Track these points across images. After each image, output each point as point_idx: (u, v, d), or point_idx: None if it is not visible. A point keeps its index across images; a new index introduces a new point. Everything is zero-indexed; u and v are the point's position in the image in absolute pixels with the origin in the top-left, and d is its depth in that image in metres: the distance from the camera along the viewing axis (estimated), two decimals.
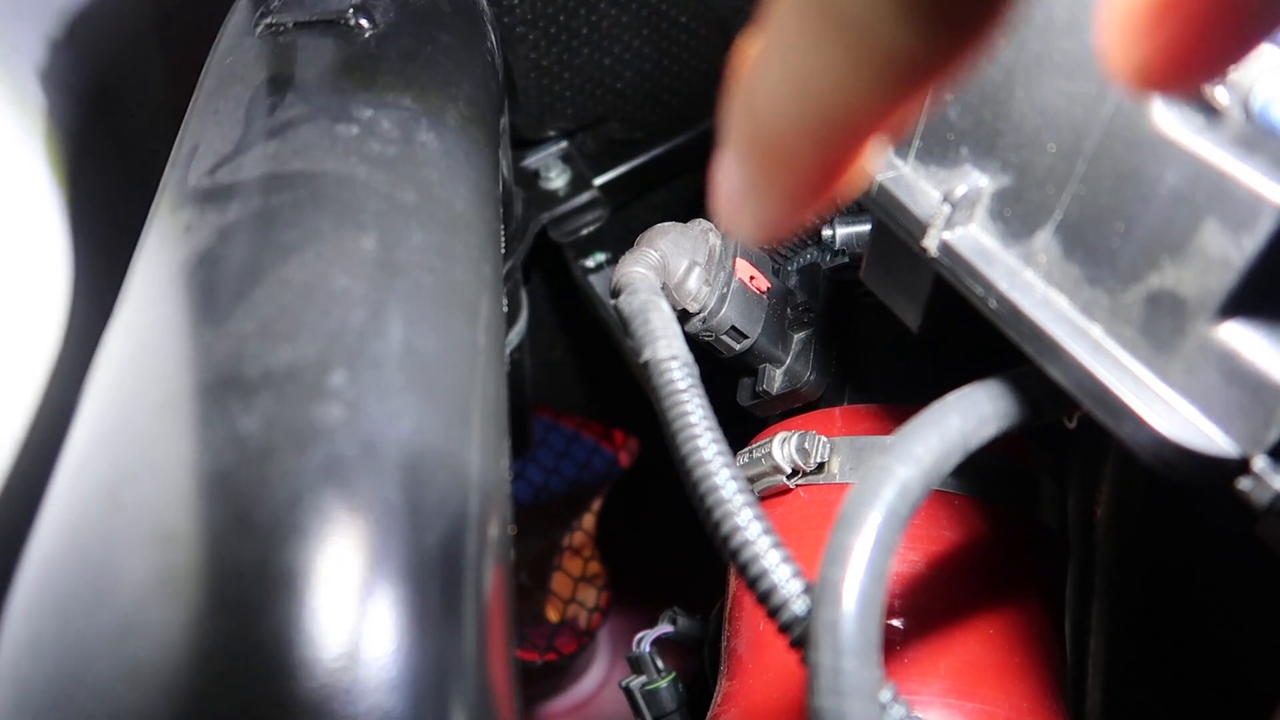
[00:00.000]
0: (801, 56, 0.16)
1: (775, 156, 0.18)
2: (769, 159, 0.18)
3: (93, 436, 0.28)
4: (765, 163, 0.18)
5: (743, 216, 0.19)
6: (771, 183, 0.18)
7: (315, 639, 0.24)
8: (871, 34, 0.15)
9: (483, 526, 0.31)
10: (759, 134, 0.18)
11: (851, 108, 0.16)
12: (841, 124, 0.17)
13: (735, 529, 0.33)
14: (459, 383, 0.32)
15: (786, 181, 0.18)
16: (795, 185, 0.18)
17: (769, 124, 0.17)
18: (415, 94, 0.40)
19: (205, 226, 0.33)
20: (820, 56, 0.16)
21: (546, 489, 0.97)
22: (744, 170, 0.18)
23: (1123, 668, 0.59)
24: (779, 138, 0.17)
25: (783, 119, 0.17)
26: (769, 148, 0.18)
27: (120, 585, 0.24)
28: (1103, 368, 0.30)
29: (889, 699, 0.30)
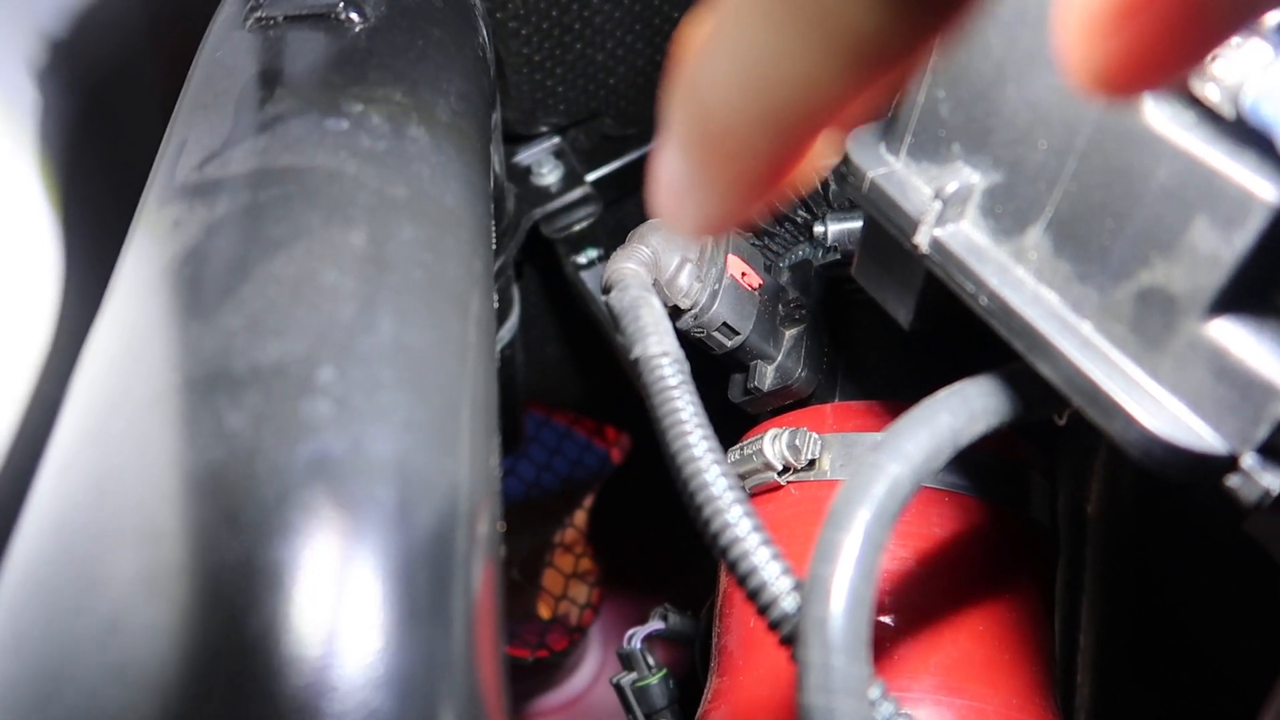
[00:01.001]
0: (755, 40, 0.15)
1: (722, 148, 0.17)
2: (715, 150, 0.17)
3: (79, 432, 0.28)
4: (711, 154, 0.17)
5: (684, 210, 0.18)
6: (717, 175, 0.17)
7: (303, 636, 0.23)
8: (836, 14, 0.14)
9: (472, 523, 0.31)
10: (704, 124, 0.16)
11: (808, 95, 0.15)
12: (796, 113, 0.16)
13: (725, 526, 0.33)
14: (449, 379, 0.32)
15: (733, 174, 0.17)
16: (743, 178, 0.17)
17: (716, 113, 0.16)
18: (406, 89, 0.40)
19: (193, 222, 0.33)
20: (777, 40, 0.15)
21: (538, 485, 0.97)
22: (687, 162, 0.17)
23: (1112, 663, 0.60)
24: (727, 128, 0.16)
25: (731, 107, 0.16)
26: (715, 138, 0.16)
27: (106, 583, 0.24)
28: (1092, 365, 0.30)
29: (878, 696, 0.30)
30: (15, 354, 0.41)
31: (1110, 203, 0.29)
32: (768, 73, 0.15)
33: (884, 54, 0.14)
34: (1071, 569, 0.61)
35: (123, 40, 0.57)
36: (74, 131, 0.50)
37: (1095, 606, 0.60)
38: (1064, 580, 0.60)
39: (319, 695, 0.23)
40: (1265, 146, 0.26)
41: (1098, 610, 0.60)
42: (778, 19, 0.15)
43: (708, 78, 0.16)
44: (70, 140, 0.50)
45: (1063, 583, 0.60)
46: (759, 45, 0.15)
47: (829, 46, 0.14)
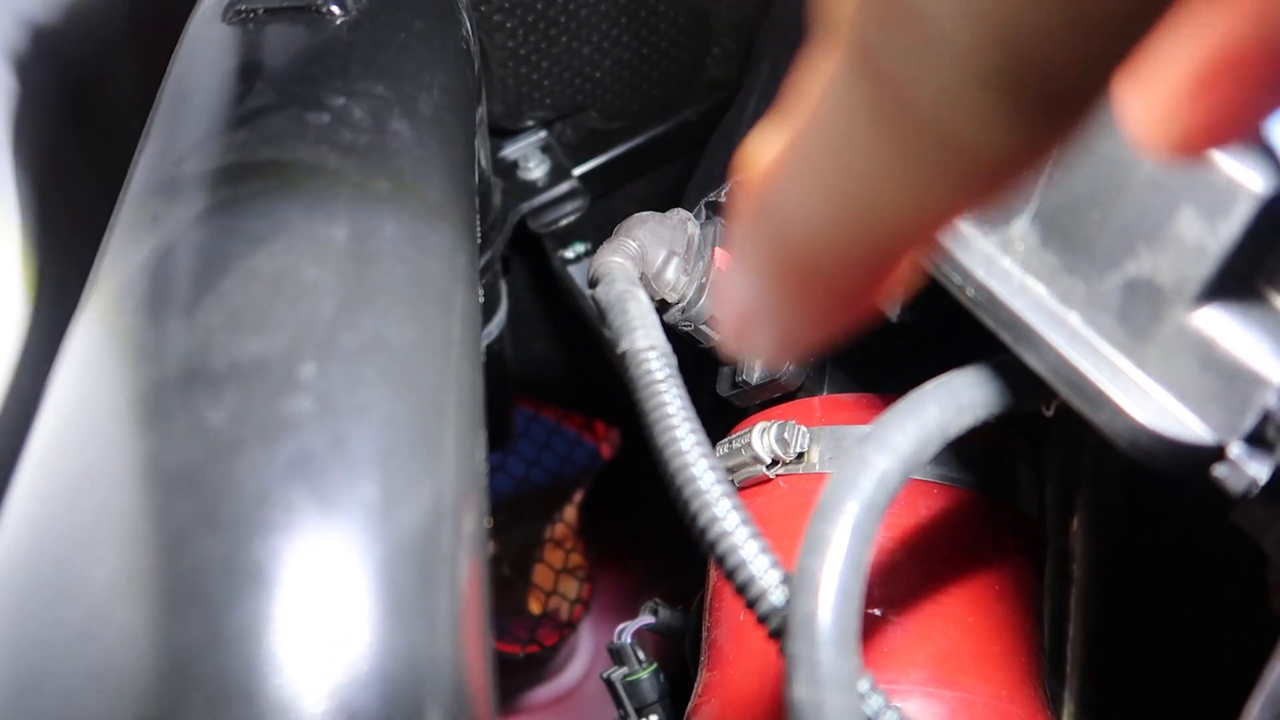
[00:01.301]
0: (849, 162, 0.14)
1: (805, 275, 0.15)
2: (798, 277, 0.15)
3: (57, 431, 0.28)
4: (794, 282, 0.15)
5: (762, 336, 0.17)
6: (799, 302, 0.16)
7: (284, 635, 0.23)
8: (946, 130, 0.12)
9: (457, 520, 0.30)
10: (786, 250, 0.15)
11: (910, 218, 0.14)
12: (894, 236, 0.14)
13: (713, 520, 0.33)
14: (432, 375, 0.32)
15: (818, 300, 0.16)
16: (827, 305, 0.16)
17: (800, 239, 0.15)
18: (388, 82, 0.39)
19: (172, 216, 0.33)
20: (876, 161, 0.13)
21: (528, 481, 0.97)
22: (765, 288, 0.16)
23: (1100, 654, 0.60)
24: (813, 254, 0.15)
25: (819, 233, 0.14)
26: (798, 265, 0.15)
27: (82, 584, 0.23)
28: (1080, 355, 0.30)
29: (867, 689, 0.30)
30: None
31: (1096, 193, 0.29)
32: (864, 196, 0.14)
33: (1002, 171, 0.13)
34: (1060, 561, 0.61)
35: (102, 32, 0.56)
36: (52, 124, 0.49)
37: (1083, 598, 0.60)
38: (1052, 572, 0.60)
39: (301, 695, 0.23)
40: None
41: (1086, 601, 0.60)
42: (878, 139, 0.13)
43: (790, 201, 0.15)
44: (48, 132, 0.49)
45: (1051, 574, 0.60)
46: (854, 167, 0.14)
47: (939, 168, 0.13)
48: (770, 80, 0.60)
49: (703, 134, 0.79)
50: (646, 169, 0.81)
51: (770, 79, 0.61)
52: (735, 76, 0.79)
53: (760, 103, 0.59)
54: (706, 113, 0.79)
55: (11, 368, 0.40)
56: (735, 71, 0.79)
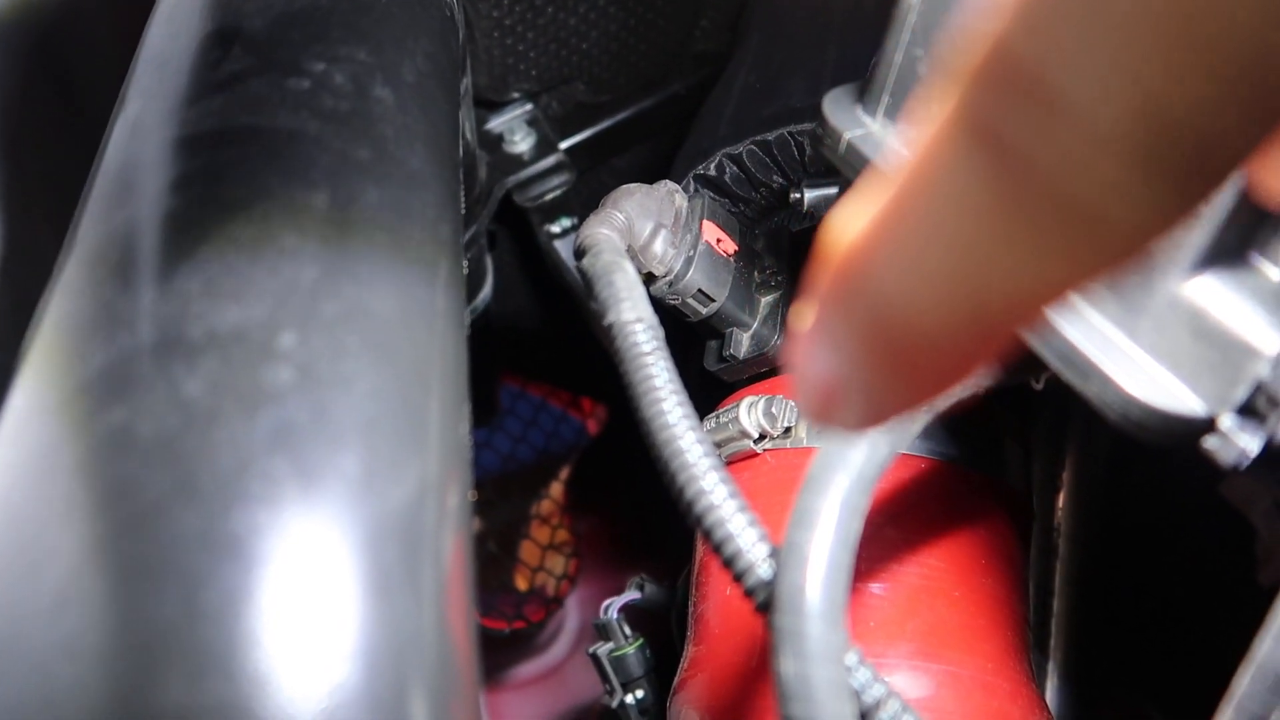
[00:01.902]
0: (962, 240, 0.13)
1: (902, 353, 0.14)
2: (892, 354, 0.14)
3: (28, 402, 0.27)
4: (886, 359, 0.14)
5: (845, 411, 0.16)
6: (892, 379, 0.15)
7: (264, 610, 0.23)
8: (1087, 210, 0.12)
9: (442, 493, 0.30)
10: (880, 327, 0.14)
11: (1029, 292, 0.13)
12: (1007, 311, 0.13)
13: (700, 493, 0.33)
14: (416, 345, 0.31)
15: (913, 376, 0.15)
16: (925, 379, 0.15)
17: (898, 318, 0.14)
18: (370, 48, 0.39)
19: (149, 183, 0.32)
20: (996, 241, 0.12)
21: (514, 457, 0.96)
22: (851, 363, 0.15)
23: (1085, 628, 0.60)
24: (912, 333, 0.14)
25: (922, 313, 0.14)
26: (894, 343, 0.14)
27: (53, 554, 0.23)
28: (1070, 327, 0.30)
29: (855, 662, 0.30)
30: None
31: None
32: (978, 271, 0.13)
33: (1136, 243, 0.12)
34: (1046, 535, 0.61)
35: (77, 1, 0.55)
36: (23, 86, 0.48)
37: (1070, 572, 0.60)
38: (1038, 546, 0.61)
39: (280, 671, 0.22)
40: None
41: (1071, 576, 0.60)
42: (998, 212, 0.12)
43: (888, 276, 0.14)
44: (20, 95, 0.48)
45: (1037, 548, 0.61)
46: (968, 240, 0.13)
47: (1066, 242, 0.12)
48: (758, 54, 0.60)
49: (691, 107, 0.78)
50: (633, 143, 0.80)
51: (759, 53, 0.60)
52: (723, 50, 0.78)
53: (749, 76, 0.58)
54: (694, 86, 0.79)
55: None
56: (723, 45, 0.78)
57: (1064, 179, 0.12)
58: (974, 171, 0.12)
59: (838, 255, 0.15)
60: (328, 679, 0.23)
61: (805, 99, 0.54)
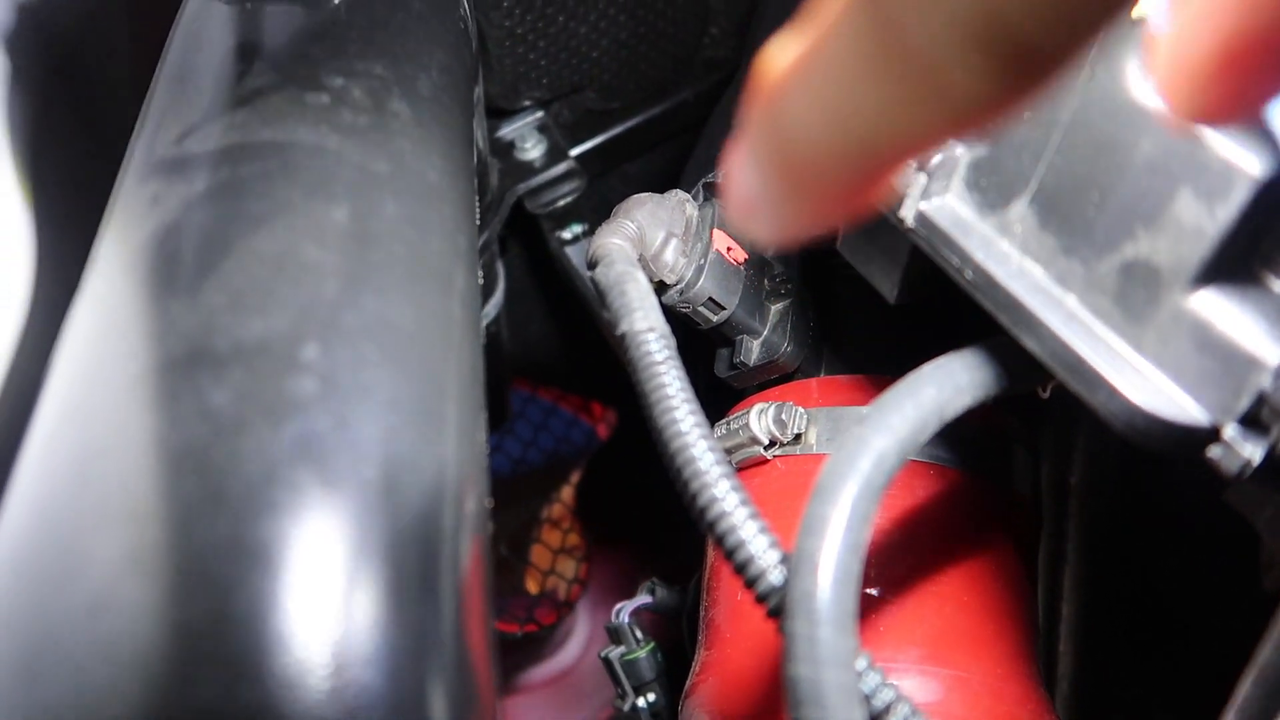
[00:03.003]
0: (848, 86, 0.16)
1: (800, 176, 0.17)
2: (793, 176, 0.17)
3: (61, 411, 0.28)
4: (788, 179, 0.18)
5: (757, 221, 0.19)
6: (792, 198, 0.18)
7: (290, 614, 0.23)
8: (938, 75, 0.14)
9: (459, 500, 0.31)
10: (785, 151, 0.17)
11: (894, 140, 0.16)
12: (880, 154, 0.16)
13: (713, 500, 0.33)
14: (434, 355, 0.32)
15: (808, 199, 0.18)
16: (817, 203, 0.18)
17: (798, 144, 0.17)
18: (387, 62, 0.39)
19: (173, 197, 0.33)
20: (871, 89, 0.15)
21: (524, 461, 0.97)
22: (763, 180, 0.18)
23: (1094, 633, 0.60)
24: (807, 159, 0.17)
25: (815, 143, 0.17)
26: (794, 166, 0.17)
27: (90, 562, 0.24)
28: (1077, 338, 0.31)
29: (865, 667, 0.30)
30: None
31: (1095, 175, 0.30)
32: (858, 117, 0.16)
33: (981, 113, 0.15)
34: (1054, 540, 0.61)
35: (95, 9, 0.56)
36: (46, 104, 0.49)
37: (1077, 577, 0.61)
38: (1047, 551, 0.61)
39: (307, 673, 0.23)
40: None
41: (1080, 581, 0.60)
42: (878, 70, 0.15)
43: (794, 109, 0.17)
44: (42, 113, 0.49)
45: (1046, 553, 0.61)
46: (851, 91, 0.15)
47: (925, 102, 0.15)
48: None
49: (700, 114, 0.79)
50: (644, 149, 0.81)
51: None
52: (732, 57, 0.79)
53: None
54: (704, 93, 0.79)
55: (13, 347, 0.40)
56: (732, 52, 0.78)
57: (924, 49, 0.14)
58: (865, 36, 0.15)
59: (762, 86, 0.17)
60: (352, 683, 0.24)
61: None
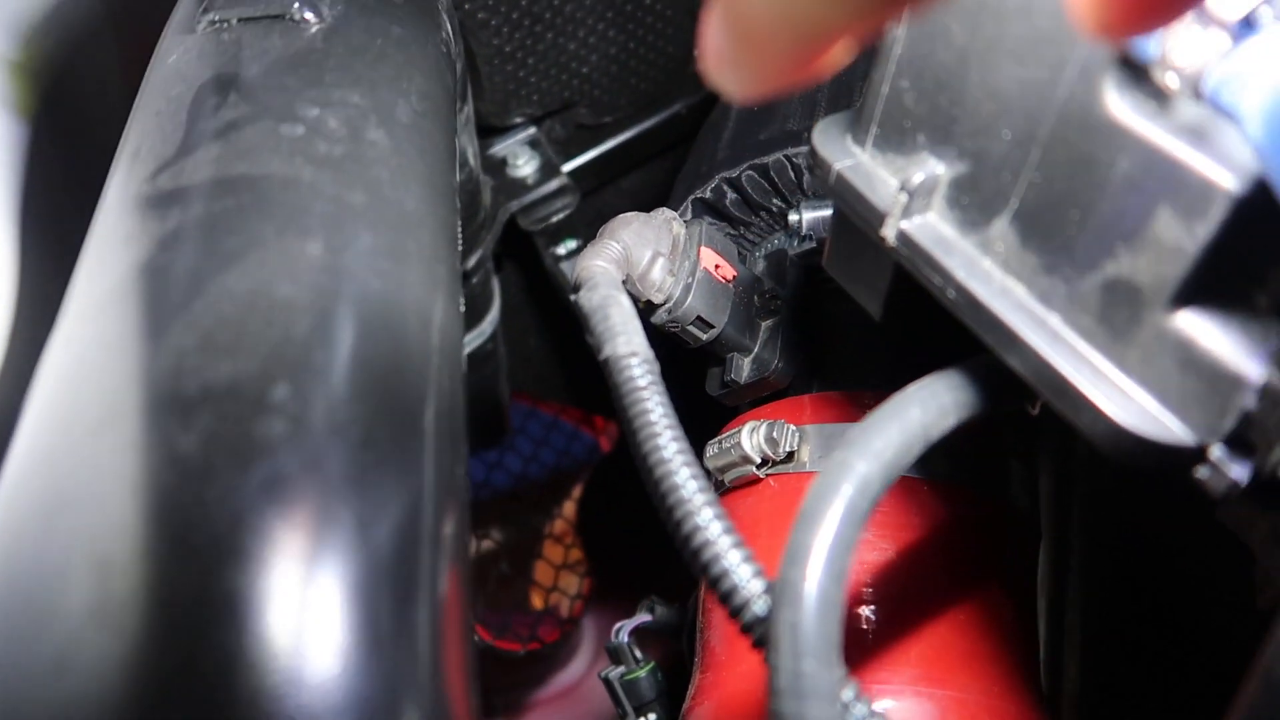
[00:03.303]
0: None
1: (755, 41, 0.20)
2: (749, 41, 0.20)
3: (29, 458, 0.28)
4: (746, 43, 0.20)
5: (726, 77, 0.21)
6: (751, 58, 0.20)
7: (259, 665, 0.23)
8: None
9: (436, 535, 0.30)
10: (737, 18, 0.20)
11: (812, 24, 0.19)
12: (803, 33, 0.19)
13: (696, 529, 0.33)
14: (410, 389, 0.32)
15: (763, 60, 0.20)
16: (771, 64, 0.20)
17: (745, 14, 0.20)
18: (364, 90, 0.39)
19: (146, 235, 0.32)
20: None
21: (526, 477, 0.97)
22: (727, 42, 0.21)
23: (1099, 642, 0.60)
24: (758, 27, 0.20)
25: (756, 15, 0.19)
26: (750, 33, 0.20)
27: (55, 615, 0.23)
28: (1060, 357, 0.30)
29: (851, 698, 0.30)
30: None
31: (1074, 193, 0.29)
32: None
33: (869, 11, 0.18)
34: (1057, 550, 0.61)
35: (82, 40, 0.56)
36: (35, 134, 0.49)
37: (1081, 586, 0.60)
38: (1049, 561, 0.60)
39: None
40: (1226, 136, 0.25)
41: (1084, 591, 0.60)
42: None
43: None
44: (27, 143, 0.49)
45: (1048, 564, 0.60)
46: None
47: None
48: None
49: (692, 127, 0.78)
50: (637, 163, 0.81)
51: None
52: None
53: None
54: (695, 106, 0.79)
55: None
56: None
57: None
58: None
59: None
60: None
61: (801, 122, 0.54)
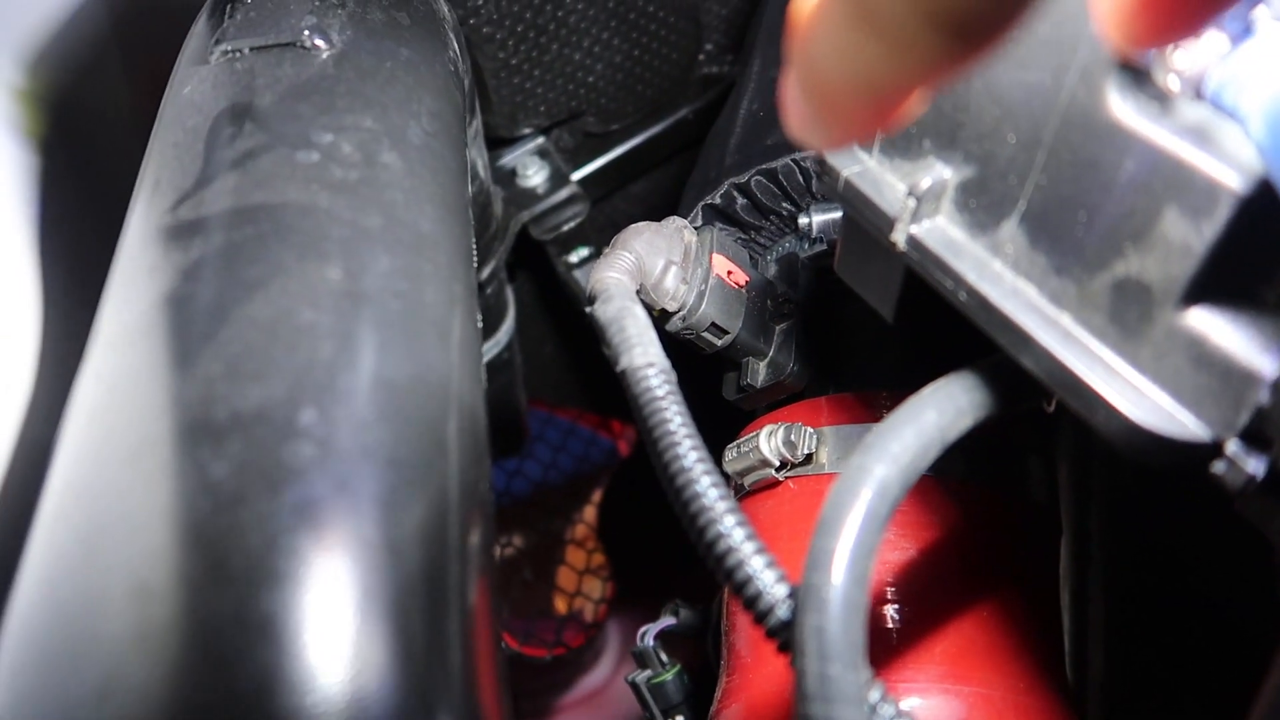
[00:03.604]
0: (846, 38, 0.20)
1: (828, 101, 0.21)
2: (823, 101, 0.22)
3: (67, 489, 0.28)
4: (820, 103, 0.22)
5: (807, 134, 0.23)
6: (832, 118, 0.22)
7: (296, 686, 0.24)
8: (904, 38, 0.18)
9: (464, 547, 0.31)
10: (815, 81, 0.21)
11: (890, 81, 0.20)
12: (882, 89, 0.20)
13: (719, 536, 0.34)
14: (432, 408, 0.32)
15: (844, 118, 0.22)
16: (853, 122, 0.22)
17: (823, 76, 0.21)
18: (375, 114, 0.40)
19: (169, 266, 0.33)
20: (859, 45, 0.19)
21: (545, 483, 0.97)
22: (804, 102, 0.22)
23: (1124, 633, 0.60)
24: (831, 89, 0.21)
25: (833, 77, 0.21)
26: (827, 95, 0.21)
27: (99, 643, 0.24)
28: (1073, 356, 0.30)
29: (878, 699, 0.30)
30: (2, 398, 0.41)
31: (1081, 195, 0.29)
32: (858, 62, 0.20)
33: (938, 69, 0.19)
34: (1079, 543, 0.61)
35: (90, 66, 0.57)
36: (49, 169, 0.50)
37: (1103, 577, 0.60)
38: (1070, 555, 0.60)
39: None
40: (1229, 135, 0.26)
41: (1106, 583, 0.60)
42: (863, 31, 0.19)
43: (815, 49, 0.21)
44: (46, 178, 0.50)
45: (1069, 558, 0.60)
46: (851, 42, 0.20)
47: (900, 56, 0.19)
48: (760, 79, 0.60)
49: (699, 132, 0.79)
50: (646, 169, 0.81)
51: (760, 78, 0.60)
52: (729, 72, 0.79)
53: (752, 103, 0.59)
54: (702, 110, 0.79)
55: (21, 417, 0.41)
56: (728, 67, 0.79)
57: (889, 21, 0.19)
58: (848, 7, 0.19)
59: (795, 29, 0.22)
60: None
61: None
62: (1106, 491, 0.60)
